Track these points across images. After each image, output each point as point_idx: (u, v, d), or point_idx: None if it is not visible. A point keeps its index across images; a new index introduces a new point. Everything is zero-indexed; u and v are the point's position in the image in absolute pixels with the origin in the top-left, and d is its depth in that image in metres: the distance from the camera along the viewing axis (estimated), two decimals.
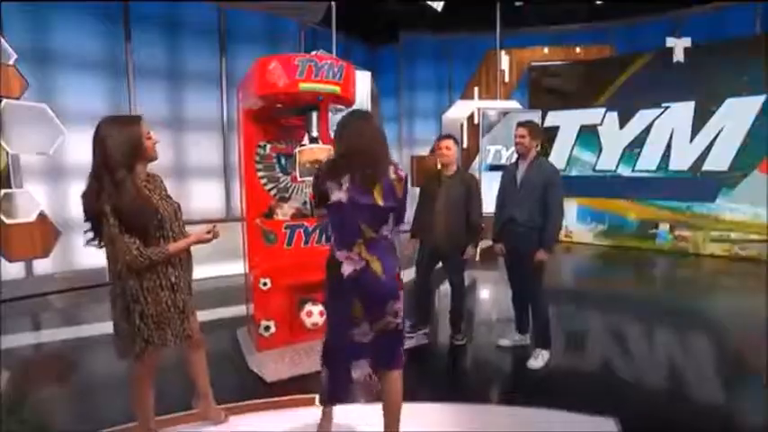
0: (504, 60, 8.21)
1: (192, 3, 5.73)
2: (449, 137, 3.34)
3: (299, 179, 2.91)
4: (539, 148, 3.00)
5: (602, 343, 3.65)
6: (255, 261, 3.30)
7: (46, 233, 4.56)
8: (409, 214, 2.44)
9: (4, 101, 4.21)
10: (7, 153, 4.38)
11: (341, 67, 2.62)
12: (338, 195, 1.82)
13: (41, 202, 4.65)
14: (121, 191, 1.77)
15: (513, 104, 7.65)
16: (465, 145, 7.81)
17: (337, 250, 1.89)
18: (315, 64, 2.50)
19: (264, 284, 3.20)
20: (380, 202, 1.82)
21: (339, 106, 3.13)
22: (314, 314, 3.25)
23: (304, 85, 2.51)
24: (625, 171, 7.30)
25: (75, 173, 5.03)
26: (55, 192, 5.08)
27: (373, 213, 1.83)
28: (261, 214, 3.31)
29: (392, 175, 1.85)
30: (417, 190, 3.58)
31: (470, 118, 7.79)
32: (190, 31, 5.82)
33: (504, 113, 7.08)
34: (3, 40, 4.23)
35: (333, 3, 5.67)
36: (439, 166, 3.46)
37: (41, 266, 4.97)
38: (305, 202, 3.45)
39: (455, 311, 3.43)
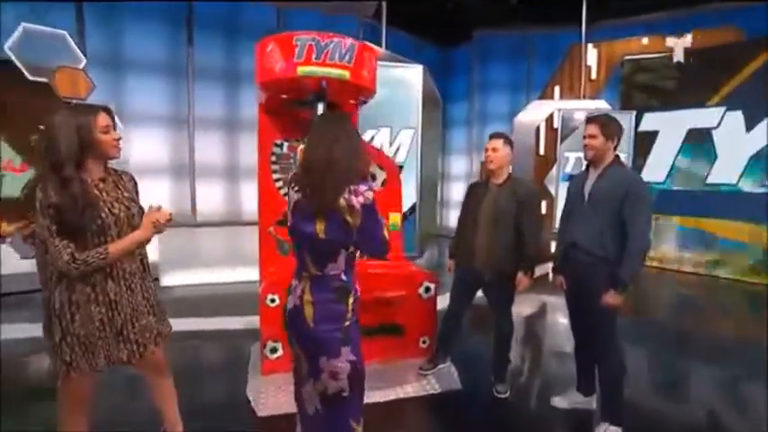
0: (592, 55, 7.08)
1: (250, 3, 5.67)
2: (498, 136, 2.66)
3: None
4: (615, 148, 2.21)
5: (706, 417, 2.66)
6: (266, 274, 2.94)
7: None
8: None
9: (73, 101, 4.42)
10: None
11: (351, 47, 2.11)
12: (289, 216, 1.51)
13: None
14: (60, 187, 1.50)
15: (601, 104, 6.51)
16: (541, 152, 6.86)
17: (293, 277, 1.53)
18: (316, 43, 2.03)
19: (272, 301, 2.82)
20: (321, 235, 1.39)
21: (363, 98, 2.62)
22: None
23: (303, 69, 2.05)
24: (750, 185, 5.79)
25: (136, 171, 5.20)
26: None
27: (314, 247, 1.43)
28: (275, 221, 2.94)
29: (342, 203, 1.37)
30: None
31: (549, 121, 6.82)
32: (249, 32, 5.79)
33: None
34: (74, 46, 4.45)
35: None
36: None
37: None
38: None
39: (498, 356, 2.73)
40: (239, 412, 2.44)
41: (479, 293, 2.74)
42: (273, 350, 2.85)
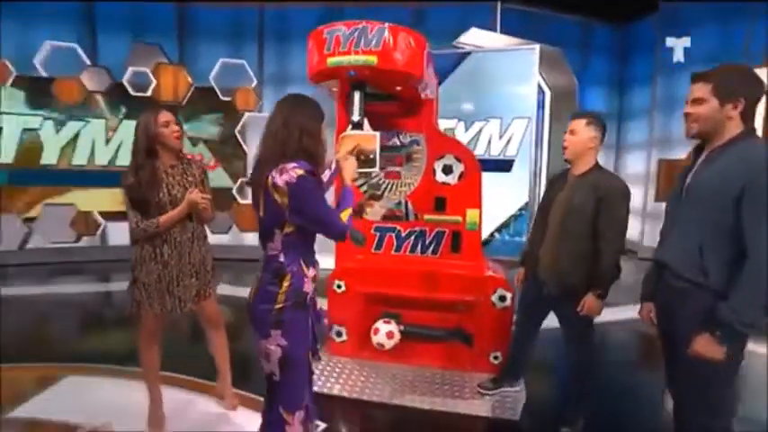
0: None
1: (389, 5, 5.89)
2: (580, 116, 2.11)
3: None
4: (745, 120, 1.43)
5: None
6: (340, 260, 3.07)
7: None
8: None
9: (246, 114, 5.58)
10: (245, 152, 5.78)
11: (380, 32, 1.99)
12: None
13: None
14: (135, 172, 1.94)
15: None
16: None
17: None
18: (342, 33, 2.00)
19: (338, 287, 2.93)
20: (260, 214, 1.45)
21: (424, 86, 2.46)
22: (380, 332, 2.75)
23: (331, 60, 2.04)
24: None
25: None
26: None
27: (259, 225, 1.46)
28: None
29: (269, 181, 1.37)
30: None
31: None
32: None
33: None
34: (248, 69, 5.58)
35: None
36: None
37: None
38: (399, 203, 2.95)
39: (569, 392, 2.17)
40: None
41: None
42: (338, 334, 2.97)
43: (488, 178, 3.75)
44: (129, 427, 2.11)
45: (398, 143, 2.91)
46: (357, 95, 2.16)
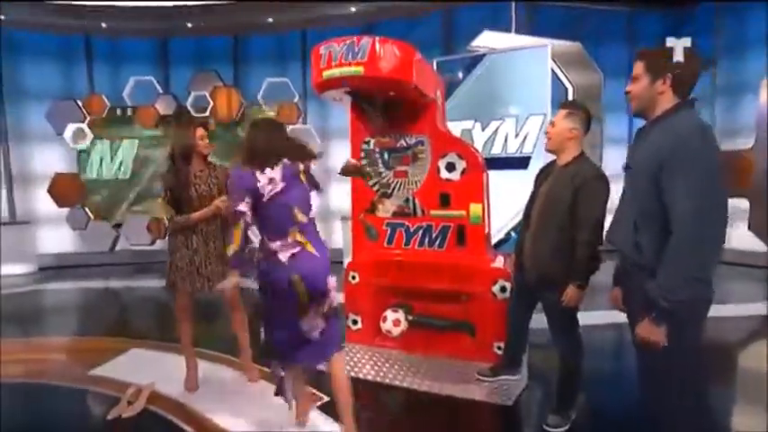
0: None
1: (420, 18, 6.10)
2: (561, 105, 2.17)
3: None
4: (672, 91, 1.41)
5: None
6: (356, 253, 3.30)
7: None
8: None
9: (290, 126, 6.08)
10: None
11: (364, 45, 2.20)
12: None
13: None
14: (171, 174, 2.39)
15: None
16: None
17: None
18: (334, 48, 2.26)
19: (353, 278, 3.17)
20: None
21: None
22: (388, 320, 2.93)
23: (326, 73, 2.29)
24: None
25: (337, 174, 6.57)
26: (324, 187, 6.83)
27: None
28: (365, 210, 3.27)
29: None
30: None
31: None
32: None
33: None
34: (291, 86, 6.09)
35: None
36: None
37: None
38: (407, 200, 3.13)
39: (558, 385, 2.19)
40: None
41: None
42: (354, 322, 3.19)
43: (506, 176, 3.86)
44: (170, 388, 2.53)
45: (405, 144, 3.08)
46: (347, 100, 2.39)
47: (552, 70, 3.79)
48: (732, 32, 6.31)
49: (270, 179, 1.79)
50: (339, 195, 6.42)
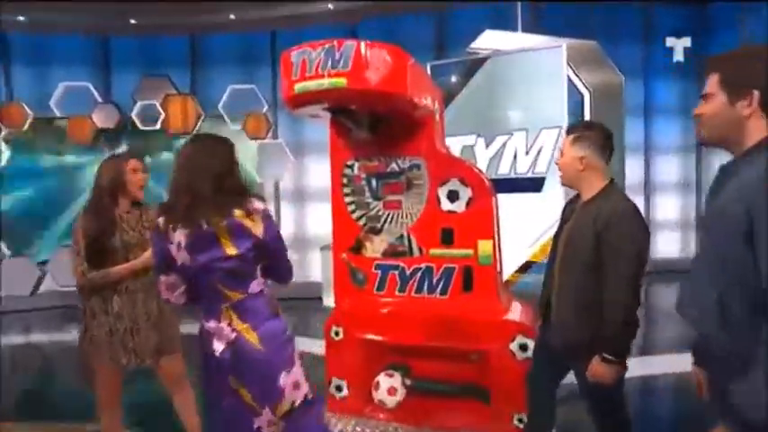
0: None
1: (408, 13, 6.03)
2: (569, 130, 2.01)
3: None
4: (764, 114, 1.20)
5: None
6: (339, 302, 3.06)
7: None
8: None
9: (257, 142, 5.85)
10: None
11: (347, 50, 2.02)
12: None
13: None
14: (89, 216, 2.11)
15: None
16: None
17: None
18: (308, 55, 2.05)
19: (336, 334, 2.92)
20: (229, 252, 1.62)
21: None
22: (381, 388, 2.68)
23: (299, 86, 2.09)
24: None
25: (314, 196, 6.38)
26: (300, 211, 6.62)
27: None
28: (348, 248, 3.04)
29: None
30: None
31: None
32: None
33: None
34: (259, 95, 5.88)
35: None
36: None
37: None
38: (401, 237, 2.92)
39: None
40: None
41: None
42: (338, 388, 2.92)
43: (517, 200, 3.72)
44: None
45: (397, 168, 2.90)
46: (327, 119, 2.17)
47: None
48: (754, 26, 6.40)
49: (178, 243, 1.53)
50: (317, 221, 6.38)
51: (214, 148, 1.60)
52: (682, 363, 1.42)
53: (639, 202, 6.86)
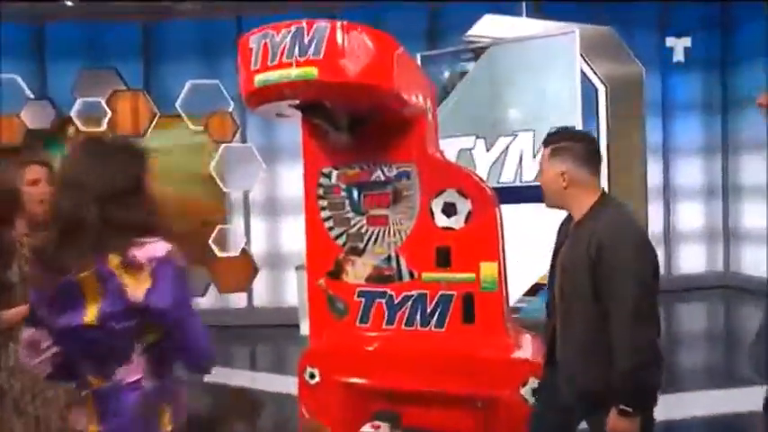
0: None
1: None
2: (545, 141, 1.89)
3: None
4: None
5: None
6: (316, 337, 2.90)
7: (247, 268, 5.71)
8: None
9: (222, 145, 5.62)
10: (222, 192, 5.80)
11: (320, 32, 1.82)
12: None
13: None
14: None
15: None
16: None
17: None
18: (271, 39, 1.85)
19: (312, 376, 2.76)
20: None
21: None
22: None
23: (260, 78, 1.89)
24: None
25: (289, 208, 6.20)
26: (272, 225, 6.42)
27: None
28: (326, 273, 2.88)
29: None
30: None
31: None
32: None
33: None
34: (224, 91, 5.67)
35: None
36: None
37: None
38: (388, 258, 2.78)
39: None
40: None
41: None
42: None
43: (523, 212, 3.59)
44: None
45: (383, 177, 2.79)
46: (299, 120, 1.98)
47: None
48: None
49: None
50: (292, 236, 6.19)
51: (106, 158, 1.24)
52: (714, 402, 1.27)
53: (659, 209, 6.80)
